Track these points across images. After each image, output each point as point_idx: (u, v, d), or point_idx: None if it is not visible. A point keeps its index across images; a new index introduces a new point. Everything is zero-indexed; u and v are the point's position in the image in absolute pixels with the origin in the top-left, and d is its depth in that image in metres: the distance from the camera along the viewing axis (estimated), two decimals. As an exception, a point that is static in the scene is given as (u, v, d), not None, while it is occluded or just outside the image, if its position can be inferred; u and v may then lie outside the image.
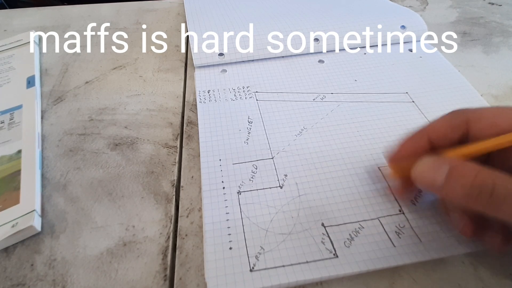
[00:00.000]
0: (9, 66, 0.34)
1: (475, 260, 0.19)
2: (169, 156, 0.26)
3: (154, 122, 0.28)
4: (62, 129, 0.28)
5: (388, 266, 0.19)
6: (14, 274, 0.19)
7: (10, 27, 0.41)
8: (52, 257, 0.20)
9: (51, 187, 0.24)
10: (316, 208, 0.22)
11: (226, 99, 0.30)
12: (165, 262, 0.20)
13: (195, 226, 0.21)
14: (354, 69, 0.33)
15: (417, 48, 0.36)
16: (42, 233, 0.21)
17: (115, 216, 0.22)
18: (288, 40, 0.34)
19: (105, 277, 0.19)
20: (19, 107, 0.29)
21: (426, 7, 0.45)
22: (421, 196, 0.22)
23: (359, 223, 0.21)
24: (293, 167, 0.24)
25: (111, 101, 0.31)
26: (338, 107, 0.29)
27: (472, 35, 0.39)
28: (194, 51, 0.33)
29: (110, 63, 0.35)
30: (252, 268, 0.19)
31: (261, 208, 0.22)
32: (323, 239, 0.20)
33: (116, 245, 0.21)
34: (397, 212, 0.21)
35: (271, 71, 0.33)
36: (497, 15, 0.43)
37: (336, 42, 0.35)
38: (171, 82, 0.33)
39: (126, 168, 0.25)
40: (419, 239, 0.20)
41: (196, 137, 0.27)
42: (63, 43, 0.38)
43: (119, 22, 0.42)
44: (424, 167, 0.17)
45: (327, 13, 0.38)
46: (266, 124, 0.27)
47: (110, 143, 0.27)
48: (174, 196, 0.23)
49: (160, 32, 0.40)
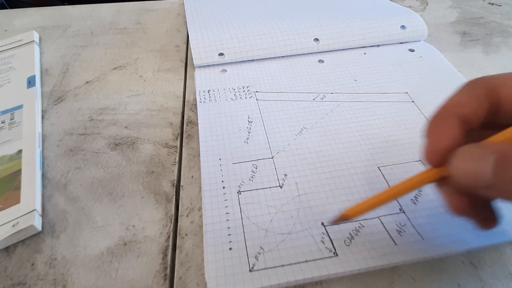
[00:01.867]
0: (10, 66, 0.34)
1: (475, 259, 0.20)
2: (169, 156, 0.26)
3: (154, 122, 0.29)
4: (62, 129, 0.28)
5: (389, 264, 0.19)
6: (15, 273, 0.19)
7: (10, 27, 0.42)
8: (53, 256, 0.20)
9: (52, 186, 0.24)
10: (316, 207, 0.22)
11: (226, 99, 0.30)
12: (165, 261, 0.20)
13: (195, 225, 0.21)
14: (354, 69, 0.33)
15: (417, 48, 0.36)
16: (42, 232, 0.21)
17: (115, 216, 0.22)
18: (288, 40, 0.34)
19: (106, 277, 0.19)
20: (19, 107, 0.29)
21: (426, 7, 0.45)
22: (421, 195, 0.22)
23: (359, 222, 0.21)
24: (293, 166, 0.24)
25: (112, 101, 0.31)
26: (338, 107, 0.29)
27: (472, 35, 0.39)
28: (194, 51, 0.33)
29: (110, 63, 0.35)
30: (252, 268, 0.19)
31: (261, 207, 0.22)
32: (323, 239, 0.20)
33: (117, 245, 0.21)
34: (398, 211, 0.21)
35: (271, 71, 0.33)
36: (497, 15, 0.43)
37: (336, 42, 0.35)
38: (171, 82, 0.33)
39: (126, 168, 0.25)
40: (421, 237, 0.20)
41: (196, 137, 0.27)
42: (63, 43, 0.38)
43: (120, 22, 0.42)
44: (463, 159, 0.14)
45: (327, 13, 0.38)
46: (266, 124, 0.27)
47: (111, 143, 0.27)
48: (174, 196, 0.23)
49: (160, 32, 0.40)
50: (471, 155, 0.14)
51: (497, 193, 0.13)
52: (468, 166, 0.13)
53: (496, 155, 0.12)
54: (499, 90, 0.15)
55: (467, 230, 0.20)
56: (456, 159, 0.14)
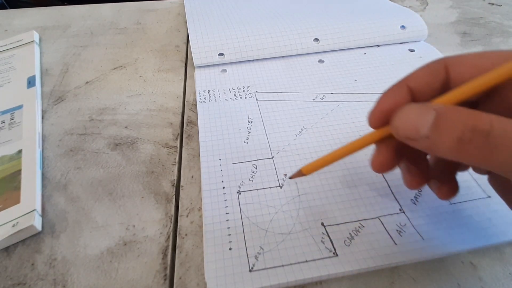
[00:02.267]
0: (10, 66, 0.34)
1: (474, 259, 0.20)
2: (169, 156, 0.26)
3: (154, 122, 0.29)
4: (62, 129, 0.28)
5: (389, 264, 0.19)
6: (15, 273, 0.19)
7: (11, 27, 0.42)
8: (53, 256, 0.20)
9: (52, 186, 0.24)
10: (315, 207, 0.22)
11: (226, 99, 0.30)
12: (165, 261, 0.20)
13: (195, 225, 0.21)
14: (354, 69, 0.33)
15: (417, 48, 0.36)
16: (42, 232, 0.21)
17: (115, 216, 0.22)
18: (288, 40, 0.34)
19: (106, 277, 0.19)
20: (19, 107, 0.29)
21: (426, 7, 0.45)
22: (421, 195, 0.22)
23: (359, 222, 0.21)
24: (293, 166, 0.24)
25: (112, 101, 0.31)
26: (338, 107, 0.29)
27: (472, 35, 0.39)
28: (194, 51, 0.33)
29: (110, 63, 0.35)
30: (252, 268, 0.19)
31: (261, 208, 0.22)
32: (323, 239, 0.20)
33: (117, 245, 0.21)
34: (398, 211, 0.21)
35: (271, 71, 0.33)
36: (497, 16, 0.43)
37: (336, 42, 0.35)
38: (171, 82, 0.33)
39: (126, 168, 0.25)
40: (421, 237, 0.20)
41: (196, 137, 0.27)
42: (63, 43, 0.39)
43: (120, 22, 0.42)
44: (405, 115, 0.15)
45: (327, 13, 0.38)
46: (266, 124, 0.27)
47: (111, 143, 0.27)
48: (174, 196, 0.23)
49: (161, 32, 0.40)
50: (412, 111, 0.15)
51: (432, 147, 0.14)
52: (409, 122, 0.15)
53: (435, 113, 0.13)
54: (450, 68, 0.16)
55: (467, 230, 0.20)
56: (398, 115, 0.15)
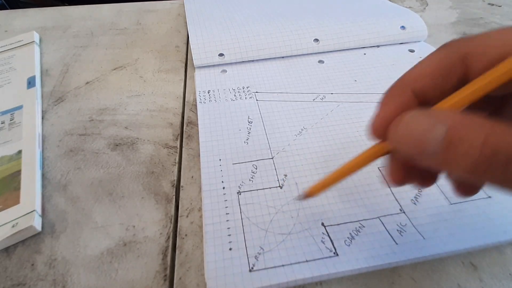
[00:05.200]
0: (10, 66, 0.34)
1: (474, 260, 0.20)
2: (169, 156, 0.26)
3: (154, 123, 0.29)
4: (62, 129, 0.28)
5: (390, 263, 0.19)
6: (15, 274, 0.19)
7: (11, 27, 0.42)
8: (53, 257, 0.20)
9: (52, 187, 0.24)
10: (316, 208, 0.22)
11: (226, 99, 0.30)
12: (165, 262, 0.20)
13: (195, 226, 0.21)
14: (354, 69, 0.33)
15: (417, 48, 0.36)
16: (42, 233, 0.21)
17: (115, 216, 0.22)
18: (288, 41, 0.34)
19: (105, 277, 0.19)
20: (19, 107, 0.29)
21: (426, 8, 0.45)
22: (421, 195, 0.22)
23: (359, 222, 0.21)
24: (293, 167, 0.24)
25: (112, 101, 0.31)
26: (338, 107, 0.29)
27: (472, 35, 0.39)
28: (194, 52, 0.33)
29: (110, 63, 0.35)
30: (252, 268, 0.19)
31: (261, 208, 0.22)
32: (323, 239, 0.20)
33: (117, 245, 0.21)
34: (398, 212, 0.21)
35: (271, 71, 0.33)
36: (497, 16, 0.43)
37: (336, 43, 0.35)
38: (171, 82, 0.33)
39: (126, 168, 0.25)
40: (422, 236, 0.20)
41: (196, 137, 0.27)
42: (63, 43, 0.39)
43: (120, 23, 0.42)
44: (408, 127, 0.12)
45: (327, 13, 0.38)
46: (266, 124, 0.27)
47: (111, 143, 0.27)
48: (174, 196, 0.23)
49: (161, 32, 0.40)
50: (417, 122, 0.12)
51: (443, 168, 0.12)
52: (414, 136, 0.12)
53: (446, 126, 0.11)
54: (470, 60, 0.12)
55: (467, 230, 0.20)
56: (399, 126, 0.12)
